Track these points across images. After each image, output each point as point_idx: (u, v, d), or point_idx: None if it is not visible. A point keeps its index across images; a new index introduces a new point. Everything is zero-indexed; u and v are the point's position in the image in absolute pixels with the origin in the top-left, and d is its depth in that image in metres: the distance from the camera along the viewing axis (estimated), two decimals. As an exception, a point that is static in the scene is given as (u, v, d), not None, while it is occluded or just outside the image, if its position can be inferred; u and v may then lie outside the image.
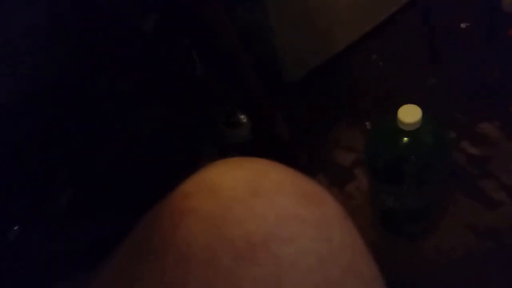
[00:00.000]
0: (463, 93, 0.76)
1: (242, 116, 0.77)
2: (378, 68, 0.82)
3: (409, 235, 0.67)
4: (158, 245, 0.26)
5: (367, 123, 0.77)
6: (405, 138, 0.54)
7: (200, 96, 0.75)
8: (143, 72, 0.70)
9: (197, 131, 0.77)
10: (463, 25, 0.82)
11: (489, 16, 0.81)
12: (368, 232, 0.66)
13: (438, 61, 0.80)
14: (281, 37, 0.75)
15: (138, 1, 0.64)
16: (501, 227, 0.63)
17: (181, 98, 0.74)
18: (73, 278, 0.69)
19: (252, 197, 0.26)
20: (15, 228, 0.67)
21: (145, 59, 0.69)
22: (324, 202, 0.28)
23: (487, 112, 0.73)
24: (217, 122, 0.77)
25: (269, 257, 0.24)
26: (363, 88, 0.81)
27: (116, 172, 0.71)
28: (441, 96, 0.76)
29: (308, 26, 0.76)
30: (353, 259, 0.26)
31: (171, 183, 0.80)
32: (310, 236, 0.26)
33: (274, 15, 0.72)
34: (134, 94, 0.71)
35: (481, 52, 0.79)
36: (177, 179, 0.81)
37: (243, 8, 0.74)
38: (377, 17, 0.83)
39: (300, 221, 0.26)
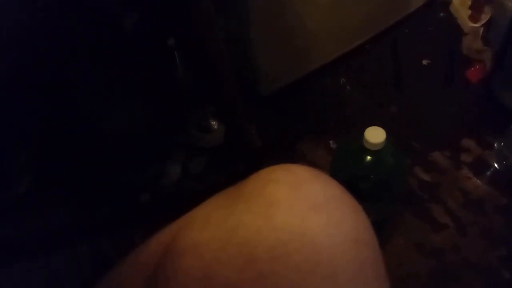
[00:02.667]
0: (420, 123, 0.82)
1: (214, 122, 0.79)
2: (345, 92, 0.87)
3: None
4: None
5: (331, 142, 0.81)
6: (368, 157, 0.58)
7: (176, 97, 0.76)
8: (121, 67, 0.70)
9: (168, 130, 0.78)
10: (425, 62, 0.90)
11: (449, 56, 0.89)
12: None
13: (400, 91, 0.87)
14: (260, 52, 0.79)
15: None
16: (445, 248, 0.69)
17: (157, 97, 0.75)
18: (17, 264, 0.68)
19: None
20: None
21: (125, 55, 0.70)
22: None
23: (439, 142, 0.79)
24: (189, 124, 0.79)
25: None
26: (330, 109, 0.86)
27: (78, 164, 0.71)
28: (400, 124, 0.82)
29: (286, 45, 0.80)
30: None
31: (133, 179, 0.80)
32: None
33: (255, 31, 0.75)
34: (109, 88, 0.71)
35: (439, 88, 0.86)
36: (139, 175, 0.81)
37: (226, 19, 0.77)
38: (349, 44, 0.89)
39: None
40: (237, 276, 0.26)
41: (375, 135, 0.56)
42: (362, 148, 0.57)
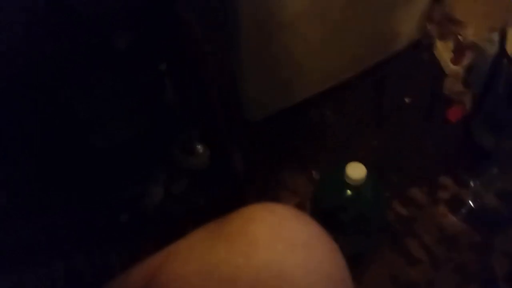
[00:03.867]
0: (400, 158, 0.85)
1: (199, 146, 0.80)
2: (329, 124, 0.90)
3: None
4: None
5: (314, 172, 0.83)
6: (349, 191, 0.60)
7: (163, 119, 0.77)
8: (110, 87, 0.71)
9: (152, 151, 0.79)
10: (407, 100, 0.93)
11: (430, 96, 0.93)
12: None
13: (382, 127, 0.89)
14: (249, 80, 0.81)
15: (113, 17, 0.66)
16: (420, 282, 0.70)
17: (143, 118, 0.76)
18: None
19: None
20: None
21: (115, 75, 0.71)
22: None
23: (418, 178, 0.82)
24: (174, 146, 0.79)
25: None
26: (314, 139, 0.88)
27: (57, 180, 0.70)
28: (380, 158, 0.84)
29: (274, 75, 0.83)
30: None
31: (114, 198, 0.80)
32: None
33: (245, 59, 0.77)
34: (95, 105, 0.72)
35: (420, 126, 0.89)
36: (120, 194, 0.81)
37: (216, 48, 0.79)
38: (336, 78, 0.92)
39: None
40: None
41: (356, 171, 0.57)
42: (343, 182, 0.59)
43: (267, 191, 0.79)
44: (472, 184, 0.80)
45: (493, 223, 0.75)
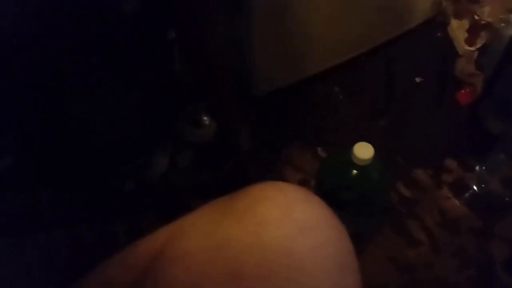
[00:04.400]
0: (407, 139, 0.84)
1: (206, 117, 0.79)
2: (337, 101, 0.89)
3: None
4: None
5: (319, 149, 0.83)
6: (355, 171, 0.60)
7: (170, 90, 0.76)
8: (116, 54, 0.70)
9: (158, 122, 0.78)
10: (417, 79, 0.91)
11: (441, 77, 0.91)
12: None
13: (390, 106, 0.88)
14: (257, 52, 0.79)
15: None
16: (418, 264, 0.71)
17: (150, 88, 0.75)
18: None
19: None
20: None
21: (122, 42, 0.69)
22: None
23: (423, 160, 0.81)
24: (181, 118, 0.79)
25: None
26: (320, 116, 0.87)
27: (63, 147, 0.70)
28: (387, 138, 0.84)
29: (283, 48, 0.81)
30: None
31: (119, 167, 0.80)
32: None
33: (256, 31, 0.76)
34: (101, 74, 0.70)
35: (429, 107, 0.88)
36: (125, 163, 0.81)
37: (227, 17, 0.77)
38: (346, 55, 0.90)
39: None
40: None
41: (363, 150, 0.57)
42: (350, 161, 0.58)
43: (271, 167, 0.79)
44: (477, 168, 0.80)
45: (495, 209, 0.76)
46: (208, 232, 0.30)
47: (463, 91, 0.89)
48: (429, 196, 0.78)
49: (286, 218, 0.30)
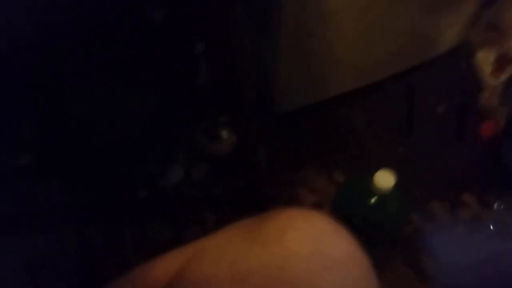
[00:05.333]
0: (425, 170, 0.82)
1: (224, 131, 0.79)
2: (356, 125, 0.88)
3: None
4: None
5: (335, 173, 0.81)
6: (373, 200, 0.58)
7: (191, 101, 0.76)
8: (142, 63, 0.70)
9: (177, 132, 0.78)
10: (439, 109, 0.90)
11: (464, 108, 0.90)
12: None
13: (410, 135, 0.87)
14: (281, 70, 0.79)
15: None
16: (428, 300, 0.69)
17: (172, 98, 0.75)
18: (2, 241, 0.67)
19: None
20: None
21: (148, 52, 0.69)
22: None
23: (440, 192, 0.80)
24: (198, 130, 0.78)
25: None
26: (339, 139, 0.86)
27: (81, 150, 0.70)
28: (405, 167, 0.82)
29: (307, 68, 0.80)
30: None
31: (134, 174, 0.80)
32: None
33: (280, 49, 0.75)
34: (124, 81, 0.71)
35: (450, 138, 0.87)
36: (141, 171, 0.80)
37: (254, 34, 0.77)
38: (368, 79, 0.89)
39: None
40: None
41: (384, 179, 0.56)
42: (369, 189, 0.57)
43: (286, 186, 0.78)
44: (495, 206, 0.78)
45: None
46: (232, 259, 0.30)
47: (485, 124, 0.88)
48: (444, 230, 0.76)
49: (313, 252, 0.29)
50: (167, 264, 0.35)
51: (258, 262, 0.29)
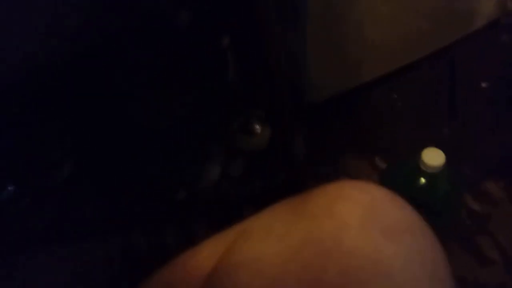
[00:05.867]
0: (474, 149, 0.78)
1: (258, 126, 0.77)
2: (396, 108, 0.84)
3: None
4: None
5: (377, 158, 0.78)
6: (423, 180, 0.55)
7: (223, 98, 0.75)
8: (170, 64, 0.70)
9: (211, 130, 0.77)
10: (484, 84, 0.85)
11: (508, 81, 0.84)
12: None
13: (454, 114, 0.82)
14: (312, 59, 0.77)
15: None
16: (490, 285, 0.64)
17: (204, 96, 0.74)
18: (50, 250, 0.68)
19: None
20: (9, 188, 0.66)
21: (176, 52, 0.69)
22: None
23: (493, 171, 0.75)
24: (233, 126, 0.77)
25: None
26: (378, 124, 0.82)
27: (119, 157, 0.70)
28: (452, 148, 0.78)
29: (339, 53, 0.78)
30: None
31: (172, 176, 0.79)
32: None
33: (311, 36, 0.73)
34: (155, 84, 0.71)
35: (498, 113, 0.82)
36: (178, 172, 0.80)
37: (282, 24, 0.75)
38: (404, 59, 0.86)
39: None
40: None
41: (433, 156, 0.53)
42: (417, 169, 0.54)
43: (327, 177, 0.76)
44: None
45: None
46: (281, 234, 0.28)
47: (536, 96, 0.82)
48: (501, 210, 0.71)
49: (369, 220, 0.26)
50: (212, 248, 0.33)
51: (309, 234, 0.26)
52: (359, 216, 0.27)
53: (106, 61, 0.63)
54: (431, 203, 0.58)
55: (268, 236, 0.28)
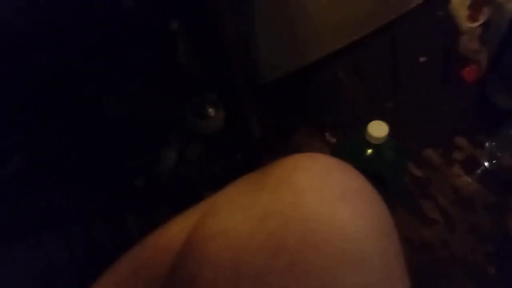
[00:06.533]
0: (415, 119, 0.83)
1: (211, 109, 0.78)
2: (342, 85, 0.88)
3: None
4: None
5: (327, 134, 0.82)
6: (369, 151, 0.59)
7: (175, 83, 0.75)
8: (119, 50, 0.69)
9: (165, 115, 0.78)
10: (422, 59, 0.91)
11: (445, 55, 0.90)
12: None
13: (397, 88, 0.88)
14: (261, 40, 0.78)
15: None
16: (434, 242, 0.70)
17: (155, 82, 0.74)
18: (8, 245, 0.67)
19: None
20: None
21: (124, 37, 0.68)
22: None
23: (433, 139, 0.81)
24: (186, 110, 0.78)
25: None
26: (326, 101, 0.86)
27: (72, 146, 0.69)
28: (396, 119, 0.83)
29: (286, 34, 0.80)
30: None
31: (128, 163, 0.79)
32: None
33: (258, 17, 0.75)
34: (106, 71, 0.70)
35: (435, 86, 0.87)
36: (134, 159, 0.80)
37: (231, 6, 0.76)
38: (348, 38, 0.89)
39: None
40: (268, 264, 0.27)
41: (378, 128, 0.56)
42: (364, 141, 0.58)
43: (281, 155, 0.78)
44: (487, 144, 0.79)
45: (508, 184, 0.75)
46: (245, 206, 0.30)
47: (468, 68, 0.89)
48: (440, 175, 0.77)
49: (324, 187, 0.29)
50: (179, 226, 0.35)
51: (271, 205, 0.29)
52: (314, 183, 0.29)
53: (58, 46, 0.61)
54: (378, 171, 0.63)
55: (232, 210, 0.30)
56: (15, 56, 0.55)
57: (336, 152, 0.68)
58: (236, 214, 0.29)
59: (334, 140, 0.81)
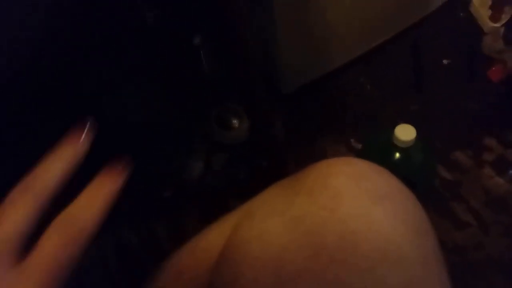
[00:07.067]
0: (441, 122, 0.82)
1: (235, 120, 0.79)
2: (365, 91, 0.88)
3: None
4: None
5: (352, 140, 0.82)
6: (397, 154, 0.59)
7: (200, 94, 0.77)
8: (145, 63, 0.71)
9: (191, 126, 0.79)
10: (445, 61, 0.90)
11: (469, 56, 0.89)
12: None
13: (420, 91, 0.87)
14: (282, 48, 0.79)
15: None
16: (467, 245, 0.69)
17: (180, 93, 0.75)
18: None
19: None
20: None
21: (148, 51, 0.70)
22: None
23: (461, 141, 0.80)
24: (211, 121, 0.79)
25: None
26: (350, 107, 0.86)
27: (100, 157, 0.71)
28: (421, 123, 0.82)
29: (307, 43, 0.81)
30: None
31: (155, 174, 0.80)
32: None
33: (280, 28, 0.76)
34: (132, 83, 0.71)
35: (461, 88, 0.86)
36: (161, 170, 0.81)
37: (252, 17, 0.77)
38: (370, 43, 0.89)
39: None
40: (308, 264, 0.27)
41: (405, 132, 0.56)
42: (391, 145, 0.58)
43: (307, 161, 0.78)
44: (518, 144, 0.78)
45: (542, 184, 0.73)
46: (281, 209, 0.30)
47: (494, 68, 0.87)
48: (471, 177, 0.76)
49: (359, 190, 0.29)
50: (218, 231, 0.36)
51: (308, 207, 0.29)
52: (350, 186, 0.29)
53: (82, 58, 0.63)
54: (407, 175, 0.62)
55: (269, 212, 0.31)
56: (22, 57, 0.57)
57: (363, 157, 0.67)
58: (273, 217, 0.30)
59: (359, 146, 0.81)
